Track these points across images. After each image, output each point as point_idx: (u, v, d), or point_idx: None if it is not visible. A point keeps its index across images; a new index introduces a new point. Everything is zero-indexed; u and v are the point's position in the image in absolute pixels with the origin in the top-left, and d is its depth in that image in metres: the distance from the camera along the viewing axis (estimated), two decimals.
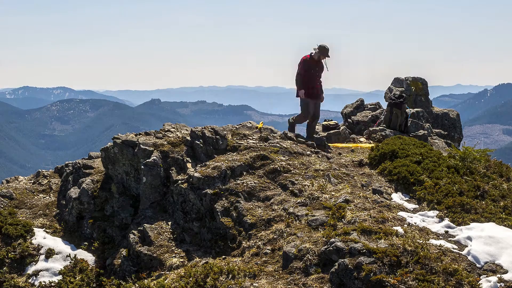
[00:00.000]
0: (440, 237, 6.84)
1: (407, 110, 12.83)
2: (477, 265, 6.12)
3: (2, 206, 10.00)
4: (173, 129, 10.71)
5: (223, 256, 7.45)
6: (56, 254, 9.07)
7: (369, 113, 14.16)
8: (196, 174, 8.87)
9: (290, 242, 6.83)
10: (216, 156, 9.55)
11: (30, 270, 8.73)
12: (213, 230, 8.25)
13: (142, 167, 9.45)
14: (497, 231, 6.72)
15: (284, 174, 8.84)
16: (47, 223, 9.88)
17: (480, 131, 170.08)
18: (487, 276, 5.86)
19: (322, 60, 11.04)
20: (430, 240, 6.63)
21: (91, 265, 8.97)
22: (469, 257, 6.25)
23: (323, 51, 10.88)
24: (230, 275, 6.39)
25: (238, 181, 8.68)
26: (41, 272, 8.70)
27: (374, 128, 12.69)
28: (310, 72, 10.98)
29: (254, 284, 6.19)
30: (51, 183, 11.07)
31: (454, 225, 7.12)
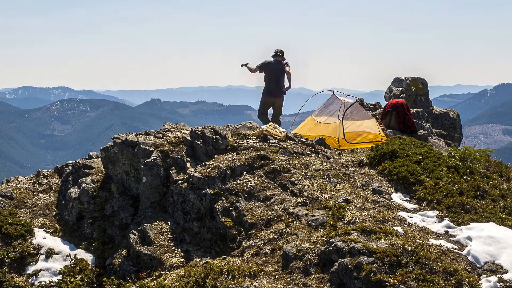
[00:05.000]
0: (440, 237, 6.84)
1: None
2: (477, 265, 6.12)
3: (2, 206, 10.00)
4: (173, 129, 10.71)
5: (223, 256, 7.46)
6: (56, 254, 9.07)
7: (369, 113, 14.18)
8: (196, 174, 8.87)
9: (290, 242, 6.83)
10: (216, 156, 9.56)
11: (30, 270, 8.73)
12: (213, 230, 8.25)
13: (142, 167, 9.45)
14: (497, 231, 6.72)
15: (284, 174, 8.84)
16: (47, 223, 9.88)
17: (480, 131, 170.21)
18: (487, 276, 5.86)
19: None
20: (430, 240, 6.62)
21: (91, 265, 8.97)
22: (469, 257, 6.25)
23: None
24: (230, 275, 6.39)
25: (238, 181, 8.69)
26: (41, 272, 8.70)
27: None
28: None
29: (254, 284, 6.19)
30: (51, 183, 11.07)
31: (454, 225, 7.12)
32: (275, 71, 12.92)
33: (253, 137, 10.25)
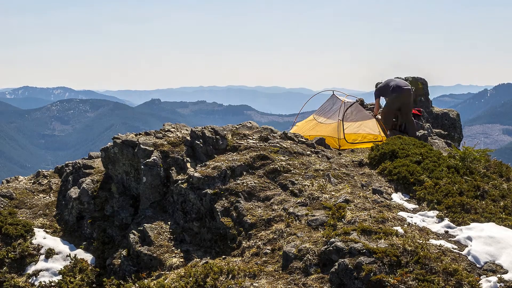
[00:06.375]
0: (440, 237, 6.84)
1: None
2: (477, 265, 6.11)
3: (2, 206, 10.00)
4: (173, 129, 10.71)
5: (223, 256, 7.45)
6: (56, 254, 9.07)
7: (369, 113, 14.17)
8: (196, 174, 8.87)
9: (290, 242, 6.83)
10: (216, 156, 9.56)
11: (30, 270, 8.73)
12: (213, 230, 8.25)
13: (142, 167, 9.45)
14: (497, 231, 6.72)
15: (284, 174, 8.84)
16: (47, 223, 9.88)
17: (480, 131, 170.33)
18: (487, 276, 5.86)
19: None
20: (430, 240, 6.62)
21: (91, 265, 8.97)
22: (469, 257, 6.25)
23: None
24: (230, 275, 6.39)
25: (238, 181, 8.69)
26: (41, 272, 8.70)
27: None
28: None
29: (254, 284, 6.19)
30: (51, 183, 11.07)
31: (454, 225, 7.12)
32: None
33: None
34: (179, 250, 8.16)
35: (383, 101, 13.30)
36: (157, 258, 8.04)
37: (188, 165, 9.44)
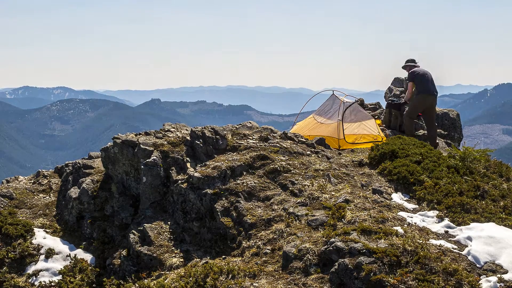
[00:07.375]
0: (440, 237, 6.84)
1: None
2: (477, 265, 6.11)
3: (2, 206, 10.00)
4: (173, 129, 10.71)
5: (223, 256, 7.46)
6: (56, 254, 9.08)
7: (369, 113, 14.18)
8: (196, 174, 8.87)
9: (290, 242, 6.83)
10: (216, 156, 9.56)
11: (30, 270, 8.73)
12: (213, 230, 8.25)
13: (142, 167, 9.45)
14: (497, 231, 6.72)
15: (284, 174, 8.84)
16: (47, 223, 9.88)
17: (480, 131, 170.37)
18: (487, 276, 5.86)
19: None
20: (430, 240, 6.62)
21: (91, 265, 8.97)
22: (469, 257, 6.25)
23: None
24: (230, 275, 6.39)
25: (238, 181, 8.69)
26: (41, 272, 8.70)
27: None
28: None
29: (254, 284, 6.19)
30: (51, 183, 11.07)
31: (454, 225, 7.12)
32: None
33: None
34: (179, 250, 8.16)
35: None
36: (157, 258, 8.04)
37: (188, 165, 9.44)
